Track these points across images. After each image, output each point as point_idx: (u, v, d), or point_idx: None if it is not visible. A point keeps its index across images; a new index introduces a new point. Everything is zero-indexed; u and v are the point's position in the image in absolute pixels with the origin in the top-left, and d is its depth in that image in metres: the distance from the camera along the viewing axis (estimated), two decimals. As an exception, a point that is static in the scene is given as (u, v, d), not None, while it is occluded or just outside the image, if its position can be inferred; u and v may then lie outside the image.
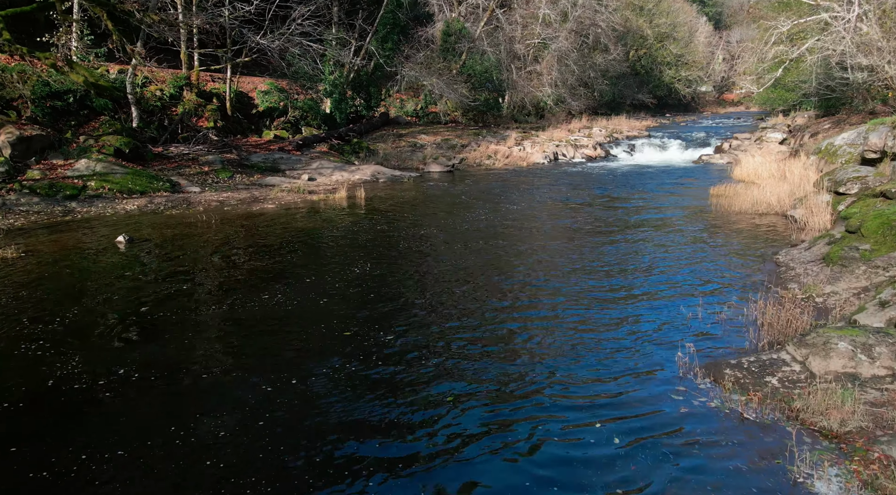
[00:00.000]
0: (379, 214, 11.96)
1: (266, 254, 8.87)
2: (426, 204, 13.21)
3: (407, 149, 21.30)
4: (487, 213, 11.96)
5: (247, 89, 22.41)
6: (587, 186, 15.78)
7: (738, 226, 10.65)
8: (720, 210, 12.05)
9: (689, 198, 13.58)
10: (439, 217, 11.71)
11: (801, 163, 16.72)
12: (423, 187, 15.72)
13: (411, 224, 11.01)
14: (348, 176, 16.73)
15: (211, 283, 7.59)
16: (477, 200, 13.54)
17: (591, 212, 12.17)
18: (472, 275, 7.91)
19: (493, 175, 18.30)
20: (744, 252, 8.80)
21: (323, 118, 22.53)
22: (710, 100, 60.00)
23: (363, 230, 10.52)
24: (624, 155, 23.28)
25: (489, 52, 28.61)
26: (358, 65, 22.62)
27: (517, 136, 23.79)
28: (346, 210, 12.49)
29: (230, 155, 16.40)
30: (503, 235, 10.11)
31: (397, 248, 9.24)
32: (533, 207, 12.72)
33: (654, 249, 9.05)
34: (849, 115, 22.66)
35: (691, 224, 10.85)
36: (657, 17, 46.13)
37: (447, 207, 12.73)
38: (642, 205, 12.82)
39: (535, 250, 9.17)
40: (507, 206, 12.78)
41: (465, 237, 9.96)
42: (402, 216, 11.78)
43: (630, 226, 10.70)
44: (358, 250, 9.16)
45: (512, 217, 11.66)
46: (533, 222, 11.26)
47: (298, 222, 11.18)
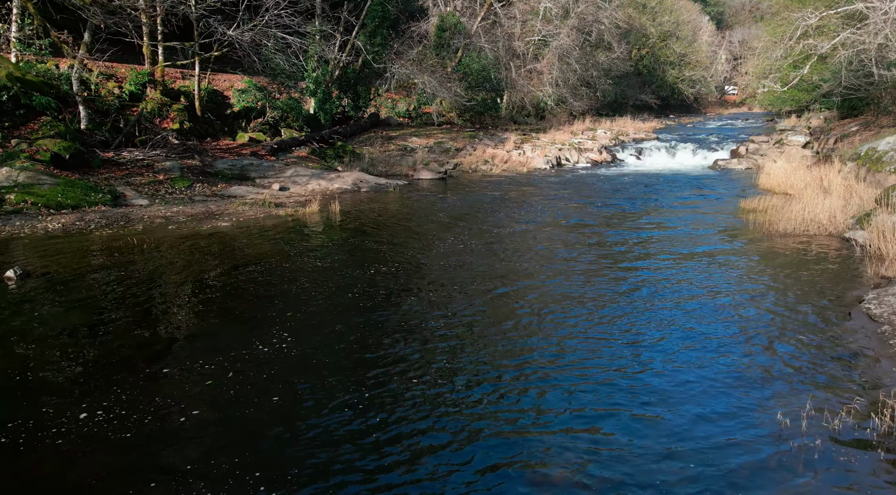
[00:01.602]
0: (352, 236, 9.80)
1: (199, 298, 6.71)
2: (410, 221, 11.05)
3: (396, 154, 19.14)
4: (481, 239, 9.80)
5: (222, 87, 20.23)
6: (596, 199, 13.62)
7: (790, 253, 8.50)
8: (760, 230, 9.90)
9: (717, 214, 11.43)
10: (423, 240, 9.55)
11: (836, 170, 14.58)
12: (410, 199, 13.56)
13: (388, 252, 8.85)
14: (326, 185, 14.57)
15: (105, 350, 5.43)
16: (469, 218, 11.38)
17: (603, 235, 10.01)
18: (460, 344, 5.77)
19: (489, 183, 16.13)
20: (815, 296, 6.65)
21: (306, 119, 20.35)
22: (713, 100, 57.84)
23: (327, 261, 8.35)
24: (632, 160, 21.11)
25: (486, 50, 26.43)
26: (343, 61, 20.43)
27: (516, 139, 21.63)
28: (315, 229, 10.33)
29: (192, 161, 14.23)
30: (499, 272, 7.95)
31: (365, 292, 7.08)
32: (534, 230, 10.56)
33: (691, 294, 6.90)
34: (876, 116, 20.50)
35: (730, 252, 8.70)
36: (660, 14, 43.96)
37: (433, 228, 10.57)
38: (663, 224, 10.66)
39: (541, 298, 7.02)
40: (504, 228, 10.62)
41: (450, 273, 7.80)
42: (378, 240, 9.62)
43: (653, 256, 8.54)
44: (317, 292, 7.00)
45: (509, 244, 9.50)
46: (535, 253, 9.10)
47: (253, 246, 9.02)
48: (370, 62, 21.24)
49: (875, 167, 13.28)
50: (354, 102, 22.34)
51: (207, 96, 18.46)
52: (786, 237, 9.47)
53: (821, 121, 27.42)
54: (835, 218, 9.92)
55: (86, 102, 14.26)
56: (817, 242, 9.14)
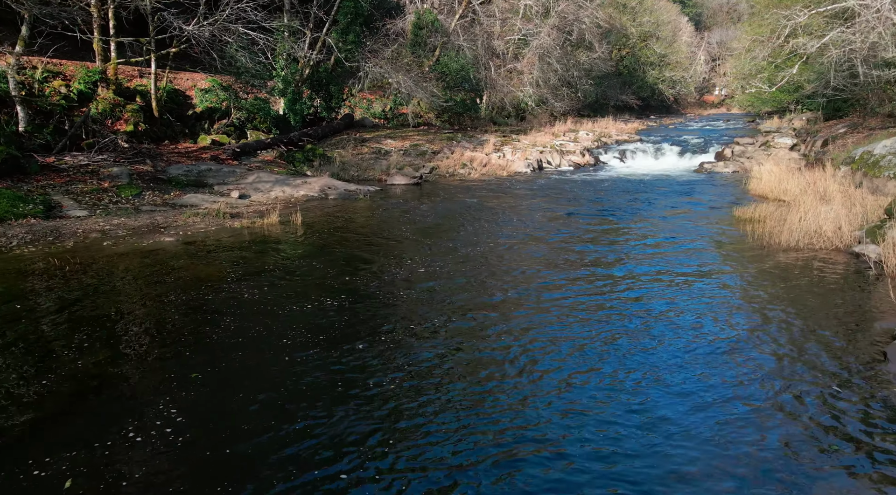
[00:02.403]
0: (310, 254, 8.66)
1: (117, 337, 5.55)
2: (377, 235, 9.94)
3: (370, 157, 18.00)
4: (452, 259, 8.74)
5: (184, 87, 18.89)
6: (579, 207, 12.63)
7: (797, 273, 7.56)
8: (759, 244, 8.97)
9: (711, 225, 10.50)
10: (388, 261, 8.46)
11: (829, 175, 13.77)
12: (381, 208, 12.45)
13: (346, 276, 7.74)
14: (291, 192, 13.39)
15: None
16: (441, 232, 10.31)
17: (588, 254, 9.00)
18: (428, 385, 4.70)
19: (467, 189, 15.08)
20: (837, 330, 5.67)
21: (275, 120, 19.12)
22: (692, 101, 57.45)
23: (273, 290, 7.22)
24: (615, 162, 20.21)
25: (465, 48, 25.36)
26: (314, 60, 19.22)
27: (496, 141, 20.60)
28: (271, 245, 9.18)
29: (143, 166, 12.96)
30: (469, 304, 6.89)
31: (304, 338, 5.97)
32: (512, 247, 9.52)
33: (687, 332, 5.90)
34: (863, 117, 19.84)
35: (729, 272, 7.73)
36: (640, 15, 43.30)
37: (401, 245, 9.48)
38: (653, 239, 9.69)
39: (518, 337, 5.97)
40: (479, 246, 9.57)
41: (414, 306, 6.72)
42: (338, 260, 8.50)
43: (645, 282, 7.54)
44: (246, 337, 5.87)
45: (483, 267, 8.44)
46: (512, 278, 8.06)
47: (194, 267, 7.85)
48: (342, 61, 20.06)
49: (872, 172, 12.48)
50: (327, 103, 21.13)
51: (167, 96, 17.14)
52: (788, 252, 8.54)
53: (803, 122, 26.81)
54: (840, 229, 9.03)
55: (25, 102, 12.91)
56: (824, 258, 8.23)
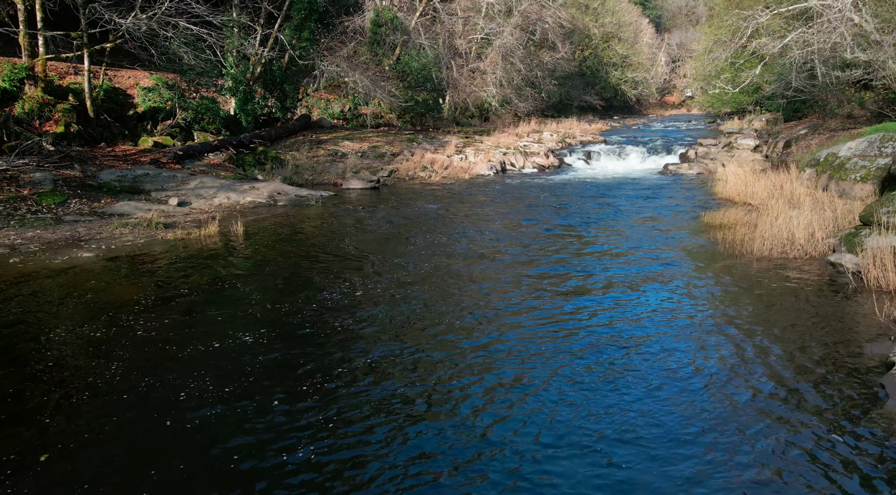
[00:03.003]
0: (243, 273, 7.75)
1: None
2: (325, 247, 9.07)
3: (325, 160, 17.05)
4: (402, 276, 7.96)
5: (126, 85, 17.62)
6: (542, 213, 11.98)
7: (773, 288, 7.00)
8: (731, 253, 8.44)
9: (679, 231, 9.95)
10: (333, 276, 7.63)
11: (794, 177, 13.48)
12: (333, 215, 11.57)
13: (276, 303, 6.88)
14: (237, 198, 12.39)
15: None
16: (393, 244, 9.51)
17: (550, 269, 8.32)
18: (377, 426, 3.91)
19: (427, 193, 14.30)
20: (824, 357, 5.05)
21: (225, 121, 18.00)
22: (653, 102, 57.87)
23: (187, 321, 6.30)
24: (580, 164, 19.72)
25: (426, 47, 24.57)
26: (266, 57, 18.15)
27: (458, 143, 19.88)
28: (205, 260, 8.23)
29: (72, 171, 11.79)
30: (419, 333, 6.12)
31: (228, 375, 5.11)
32: (470, 262, 8.79)
33: (662, 357, 5.24)
34: (823, 119, 19.80)
35: (702, 286, 7.14)
36: (603, 15, 43.24)
37: (350, 258, 8.65)
38: (620, 247, 9.07)
39: (469, 370, 5.23)
40: (435, 260, 8.81)
41: (353, 334, 5.92)
42: (277, 275, 7.62)
43: (612, 297, 6.89)
44: (158, 377, 4.98)
45: (435, 288, 7.68)
46: (467, 298, 7.33)
47: (110, 289, 6.86)
48: (296, 59, 19.04)
49: (838, 175, 12.17)
50: (281, 103, 20.06)
51: (104, 95, 15.87)
52: (762, 262, 8.02)
53: (763, 123, 26.88)
54: (813, 236, 8.57)
55: (-66, 101, 11.60)
56: (799, 269, 7.72)
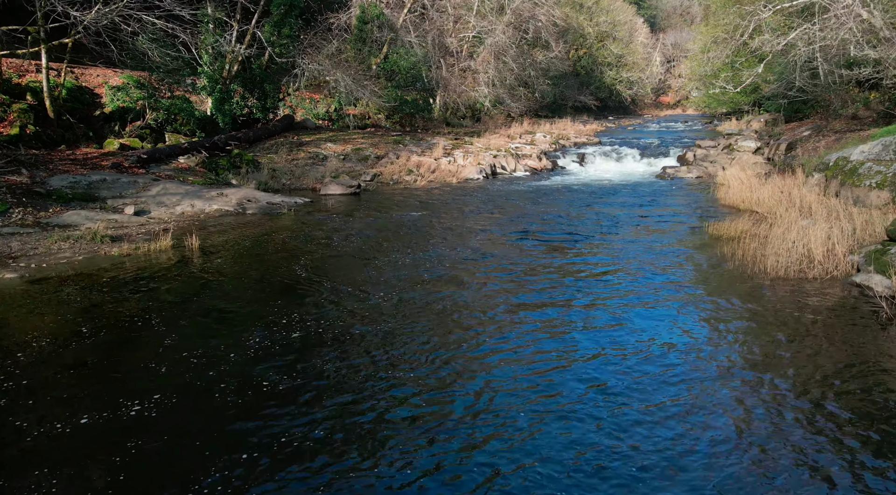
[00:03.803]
0: (192, 295, 6.71)
1: None
2: (288, 265, 8.04)
3: (305, 163, 16.01)
4: (370, 307, 6.95)
5: (94, 84, 16.54)
6: (534, 222, 10.98)
7: (794, 316, 5.99)
8: (742, 271, 7.45)
9: (683, 245, 8.96)
10: (291, 305, 6.60)
11: (801, 182, 12.52)
12: (306, 225, 10.53)
13: (225, 333, 5.85)
14: (202, 206, 11.34)
15: None
16: (369, 261, 8.49)
17: (543, 292, 7.32)
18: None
19: (411, 199, 13.28)
20: (862, 416, 4.07)
21: (200, 122, 16.92)
22: (648, 102, 56.95)
23: (113, 359, 5.27)
24: (574, 166, 18.73)
25: (415, 45, 23.54)
26: (243, 55, 17.08)
27: (447, 145, 18.85)
28: (148, 281, 7.19)
29: (18, 177, 10.71)
30: (382, 373, 5.11)
31: (185, 415, 4.08)
32: (452, 284, 7.78)
33: (678, 408, 4.24)
34: (826, 120, 18.87)
35: (713, 314, 6.13)
36: (597, 14, 42.27)
37: (313, 282, 7.62)
38: (620, 265, 8.07)
39: (439, 425, 4.23)
40: (410, 283, 7.79)
41: (303, 388, 4.91)
42: (225, 304, 6.58)
43: (612, 327, 5.89)
44: (53, 440, 3.95)
45: (411, 316, 6.67)
46: (442, 334, 6.33)
47: (21, 321, 5.82)
48: (278, 55, 17.99)
49: (850, 180, 11.20)
50: (262, 103, 19.00)
51: (68, 94, 14.80)
52: (777, 283, 7.03)
53: (762, 124, 25.95)
54: (831, 251, 7.60)
55: None
56: (820, 292, 6.74)
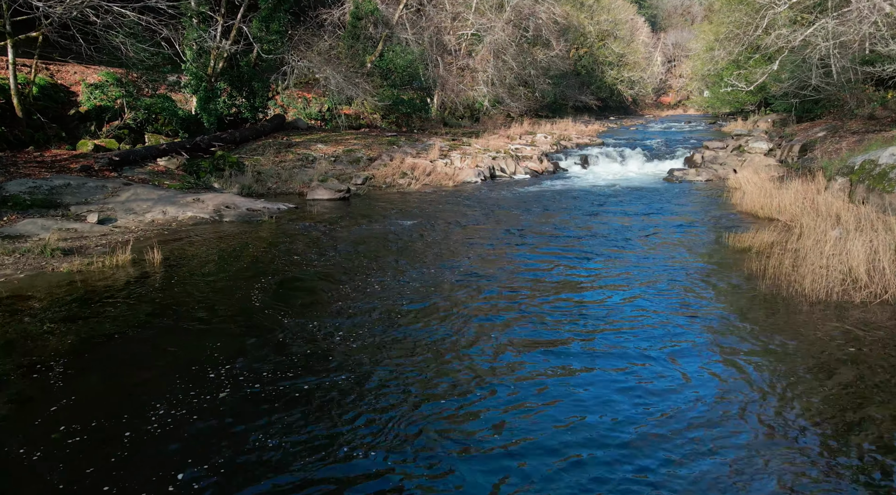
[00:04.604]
0: (139, 324, 5.71)
1: None
2: (261, 281, 7.04)
3: (293, 165, 15.01)
4: (336, 333, 5.96)
5: (71, 81, 15.55)
6: (532, 231, 9.98)
7: (849, 350, 5.01)
8: (775, 293, 6.45)
9: (702, 260, 7.95)
10: (251, 339, 5.61)
11: (821, 187, 11.54)
12: (285, 234, 9.53)
13: (171, 374, 4.86)
14: (176, 213, 10.33)
15: None
16: (348, 277, 7.49)
17: (537, 314, 6.32)
18: None
19: (403, 204, 12.28)
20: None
21: (184, 122, 15.92)
22: (649, 102, 55.91)
23: (30, 411, 4.28)
24: (577, 169, 17.74)
25: (412, 43, 22.54)
26: (228, 51, 16.08)
27: (443, 146, 17.85)
28: (95, 305, 6.19)
29: (-27, 182, 9.72)
30: (343, 436, 4.12)
31: None
32: (440, 300, 6.79)
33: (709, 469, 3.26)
34: (841, 120, 17.89)
35: (745, 347, 5.14)
36: (598, 13, 41.25)
37: (282, 309, 6.63)
38: (630, 283, 7.08)
39: None
40: (388, 307, 6.81)
41: (264, 443, 3.90)
42: (165, 337, 5.59)
43: (623, 355, 4.91)
44: None
45: (389, 345, 5.68)
46: (427, 368, 5.33)
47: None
48: (269, 52, 16.98)
49: (880, 186, 10.20)
50: (250, 102, 18.00)
51: (40, 92, 13.81)
52: (818, 309, 6.04)
53: (769, 124, 24.95)
54: (877, 270, 6.60)
55: None
56: (872, 322, 5.74)
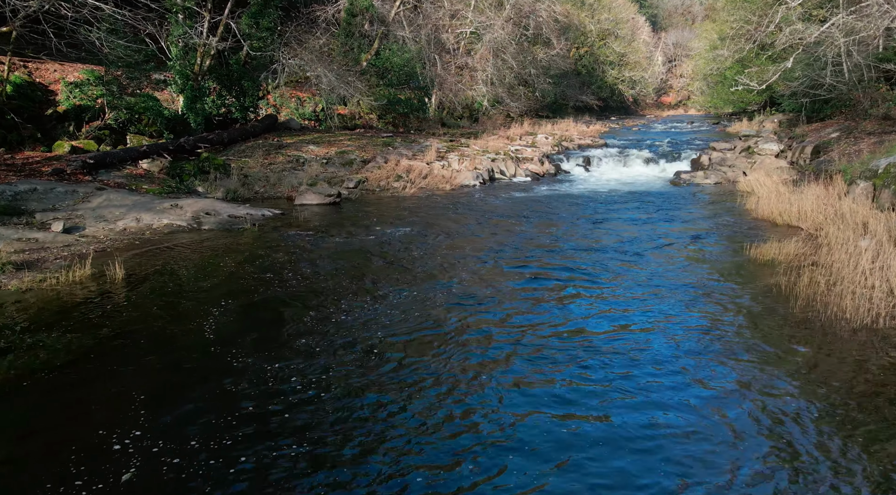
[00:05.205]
0: (91, 356, 4.93)
1: None
2: (229, 304, 6.24)
3: (283, 168, 14.21)
4: (306, 369, 5.17)
5: (50, 79, 14.75)
6: (533, 242, 9.18)
7: None
8: (807, 316, 5.66)
9: (721, 275, 7.16)
10: (226, 369, 4.82)
11: (841, 191, 10.74)
12: (266, 245, 8.73)
13: (103, 432, 4.06)
14: (151, 220, 9.54)
15: None
16: (329, 298, 6.69)
17: (538, 349, 5.53)
18: None
19: (396, 210, 11.49)
20: None
21: (170, 122, 15.12)
22: (650, 102, 55.08)
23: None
24: (579, 171, 16.94)
25: (409, 41, 21.74)
26: (215, 47, 15.27)
27: (441, 147, 17.06)
28: (40, 331, 5.39)
29: (-70, 188, 8.92)
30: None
31: None
32: (426, 328, 6.01)
33: None
34: (854, 120, 17.10)
35: (781, 385, 4.34)
36: (599, 12, 40.44)
37: (251, 334, 5.84)
38: (646, 302, 6.29)
39: None
40: (369, 337, 6.03)
41: None
42: (117, 378, 4.80)
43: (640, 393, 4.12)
44: None
45: (364, 385, 4.89)
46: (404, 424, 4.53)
47: None
48: (259, 50, 16.19)
49: (908, 191, 9.43)
50: (240, 101, 17.20)
51: (14, 90, 13.01)
52: (862, 337, 5.25)
53: (775, 124, 24.16)
54: (924, 290, 5.83)
55: None
56: (927, 349, 4.96)
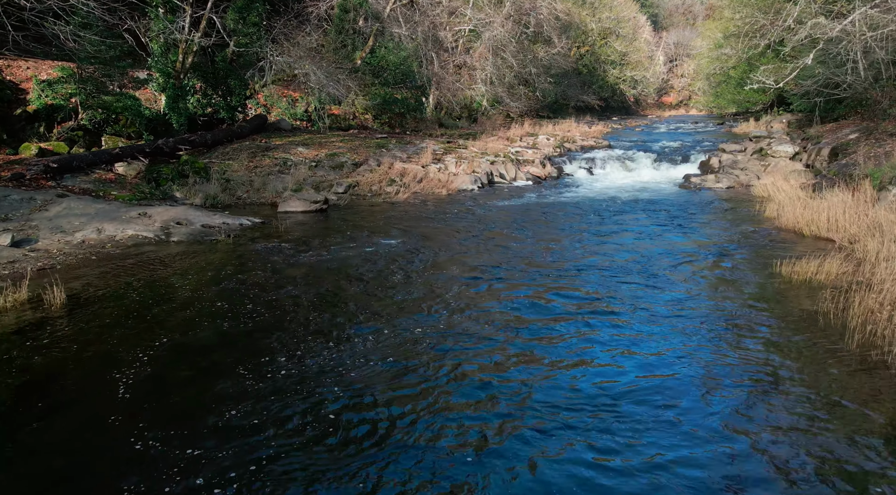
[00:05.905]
0: (8, 403, 3.97)
1: None
2: (192, 333, 5.28)
3: (269, 171, 13.24)
4: (272, 418, 4.18)
5: (21, 77, 13.79)
6: (537, 257, 8.21)
7: None
8: (865, 355, 4.70)
9: (757, 301, 6.18)
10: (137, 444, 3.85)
11: (869, 198, 9.77)
12: (239, 259, 7.76)
13: None
14: (113, 231, 8.57)
15: None
16: (302, 326, 5.72)
17: (541, 402, 4.58)
18: None
19: (388, 218, 10.52)
20: None
21: (151, 123, 14.16)
22: (651, 102, 54.04)
23: None
24: (583, 174, 15.97)
25: (405, 39, 20.76)
26: (198, 43, 14.30)
27: (437, 149, 16.08)
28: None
29: None
30: None
31: None
32: (415, 364, 5.04)
33: None
34: (872, 120, 16.12)
35: (840, 449, 3.39)
36: (600, 10, 39.41)
37: (212, 373, 4.88)
38: (668, 336, 5.33)
39: None
40: (349, 366, 5.05)
41: None
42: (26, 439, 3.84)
43: (660, 447, 3.15)
44: None
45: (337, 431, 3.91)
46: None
47: None
48: (241, 46, 15.21)
49: (951, 199, 8.46)
50: (226, 101, 16.23)
51: (-21, 89, 12.06)
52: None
53: (783, 125, 23.20)
54: None
55: None
56: None
